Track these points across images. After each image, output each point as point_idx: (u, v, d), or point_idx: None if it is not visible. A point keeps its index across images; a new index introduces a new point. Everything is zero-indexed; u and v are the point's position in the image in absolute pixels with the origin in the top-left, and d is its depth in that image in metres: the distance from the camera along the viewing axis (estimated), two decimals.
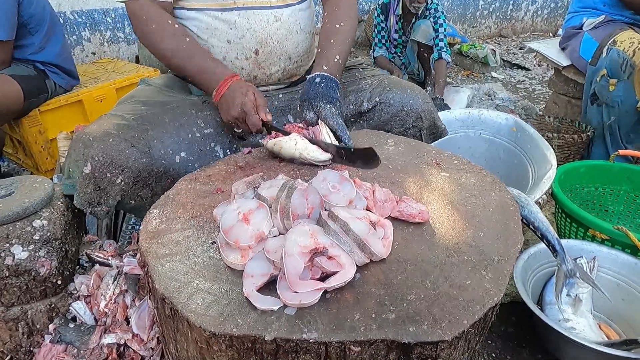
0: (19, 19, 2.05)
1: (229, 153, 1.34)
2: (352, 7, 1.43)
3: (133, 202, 1.25)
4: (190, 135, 1.29)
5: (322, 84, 1.22)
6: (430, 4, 3.45)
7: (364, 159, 1.08)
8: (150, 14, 1.28)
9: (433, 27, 3.41)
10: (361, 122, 1.47)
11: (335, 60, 1.29)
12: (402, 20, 3.58)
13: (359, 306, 0.74)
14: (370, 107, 1.43)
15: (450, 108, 3.41)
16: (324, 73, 1.24)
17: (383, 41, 3.73)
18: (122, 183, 1.20)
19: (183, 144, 1.27)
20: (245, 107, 1.17)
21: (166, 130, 1.27)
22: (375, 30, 3.71)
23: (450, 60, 3.53)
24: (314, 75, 1.25)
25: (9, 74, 2.05)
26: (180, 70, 1.32)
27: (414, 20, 3.51)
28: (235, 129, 1.27)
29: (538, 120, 2.60)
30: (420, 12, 3.43)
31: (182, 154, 1.27)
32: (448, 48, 3.46)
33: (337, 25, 1.35)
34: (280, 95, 1.45)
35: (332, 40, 1.32)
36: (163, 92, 1.40)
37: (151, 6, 1.29)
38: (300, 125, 1.22)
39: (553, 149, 1.77)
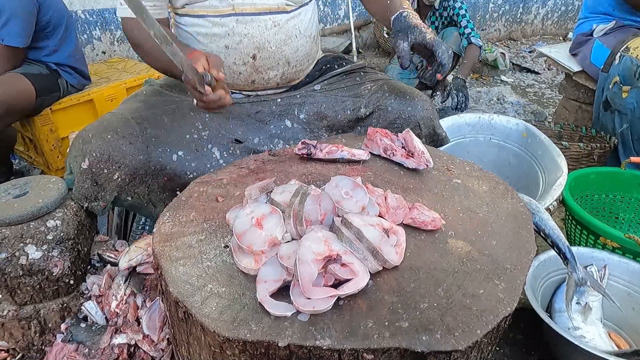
0: (36, 24, 2.08)
1: (225, 155, 1.36)
2: None
3: (130, 199, 1.27)
4: (188, 136, 1.31)
5: (410, 17, 1.30)
6: None
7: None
8: (143, 34, 1.29)
9: (457, 18, 3.31)
10: (359, 128, 1.45)
11: (407, 4, 1.38)
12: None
13: (372, 314, 0.74)
14: (368, 114, 1.42)
15: (467, 94, 3.15)
16: (407, 10, 1.32)
17: None
18: (119, 179, 1.22)
19: (180, 143, 1.30)
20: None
21: (164, 129, 1.29)
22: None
23: (481, 44, 3.25)
24: (399, 12, 1.32)
25: (21, 72, 2.07)
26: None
27: (431, 14, 3.45)
28: (209, 110, 1.28)
29: (549, 128, 2.58)
30: (436, 3, 3.40)
31: (180, 153, 1.29)
32: (476, 32, 3.23)
33: None
34: (279, 100, 1.45)
35: None
36: (164, 93, 1.42)
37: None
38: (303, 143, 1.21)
39: (565, 155, 1.76)
